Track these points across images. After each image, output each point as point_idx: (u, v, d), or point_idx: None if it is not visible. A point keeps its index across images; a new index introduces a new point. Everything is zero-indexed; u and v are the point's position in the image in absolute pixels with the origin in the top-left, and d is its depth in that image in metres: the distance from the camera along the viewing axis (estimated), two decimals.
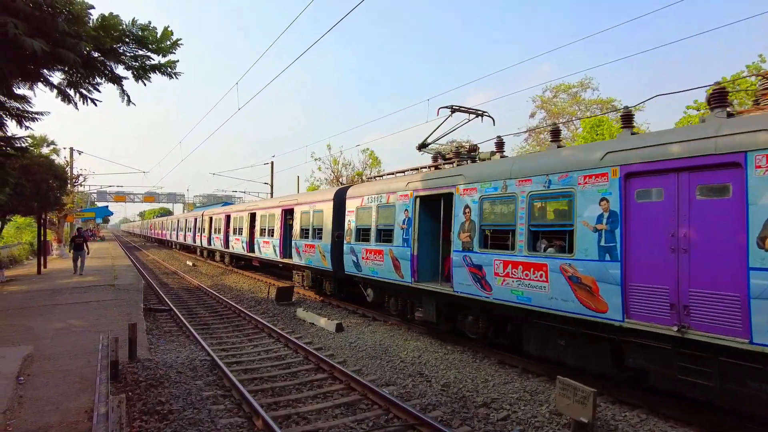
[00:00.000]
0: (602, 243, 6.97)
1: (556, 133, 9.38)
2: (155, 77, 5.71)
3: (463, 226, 9.54)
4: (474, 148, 11.58)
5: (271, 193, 44.26)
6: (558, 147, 8.92)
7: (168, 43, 5.44)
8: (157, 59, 5.59)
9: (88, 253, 21.08)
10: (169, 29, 5.46)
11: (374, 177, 13.73)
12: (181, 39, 5.52)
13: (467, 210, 9.48)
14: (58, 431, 6.03)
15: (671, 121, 35.16)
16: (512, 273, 8.37)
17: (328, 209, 15.47)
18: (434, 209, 10.95)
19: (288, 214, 19.29)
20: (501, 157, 10.48)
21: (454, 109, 11.67)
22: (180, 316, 13.58)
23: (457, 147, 11.65)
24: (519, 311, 8.42)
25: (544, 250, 8.07)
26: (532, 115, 40.39)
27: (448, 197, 10.24)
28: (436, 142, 12.82)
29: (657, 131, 7.39)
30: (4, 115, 5.75)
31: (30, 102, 6.03)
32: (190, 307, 15.99)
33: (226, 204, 37.88)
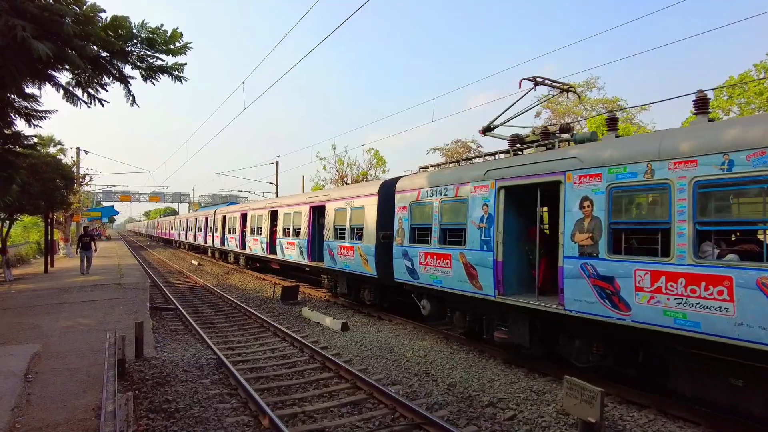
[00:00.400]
0: None
1: (612, 122, 8.23)
2: (162, 79, 5.74)
3: (581, 225, 7.43)
4: (567, 128, 9.44)
5: (276, 193, 44.32)
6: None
7: (177, 44, 5.46)
8: (165, 59, 5.60)
9: (95, 251, 20.84)
10: (178, 30, 5.47)
11: (433, 166, 11.85)
12: (191, 42, 5.54)
13: (587, 204, 7.40)
14: (65, 429, 6.06)
15: (678, 120, 34.95)
16: (668, 288, 6.26)
17: (370, 205, 13.49)
18: (524, 204, 9.15)
19: (317, 211, 17.25)
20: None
21: (537, 82, 10.09)
22: (186, 314, 13.63)
23: (543, 128, 9.64)
24: (668, 338, 6.38)
25: (721, 258, 5.91)
26: (538, 115, 40.25)
27: (551, 187, 8.20)
28: (507, 123, 10.86)
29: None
30: (12, 114, 5.78)
31: (38, 101, 6.06)
32: (195, 305, 16.04)
33: (231, 204, 37.34)
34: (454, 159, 11.75)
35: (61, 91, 5.04)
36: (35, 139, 7.15)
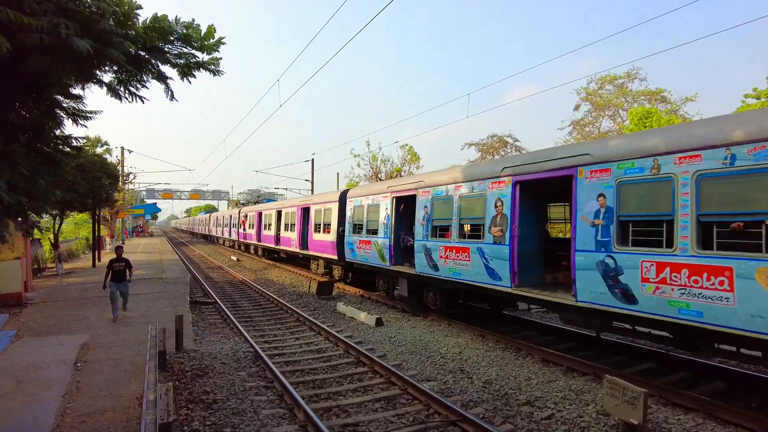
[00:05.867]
0: None
1: None
2: (200, 75, 5.84)
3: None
4: None
5: (312, 190, 44.86)
6: None
7: (212, 41, 5.55)
8: (201, 56, 5.71)
9: (130, 279, 12.36)
10: (212, 27, 5.56)
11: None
12: (224, 37, 5.62)
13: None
14: (111, 415, 6.31)
15: (729, 109, 33.25)
16: None
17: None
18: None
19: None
20: None
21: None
22: (224, 308, 13.96)
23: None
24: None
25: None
26: (577, 108, 39.13)
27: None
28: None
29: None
30: (61, 114, 6.01)
31: (83, 102, 6.28)
32: (234, 300, 16.41)
33: (269, 201, 38.35)
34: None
35: (105, 88, 5.20)
36: (83, 141, 7.42)
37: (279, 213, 27.09)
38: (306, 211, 22.19)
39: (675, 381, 7.68)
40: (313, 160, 44.90)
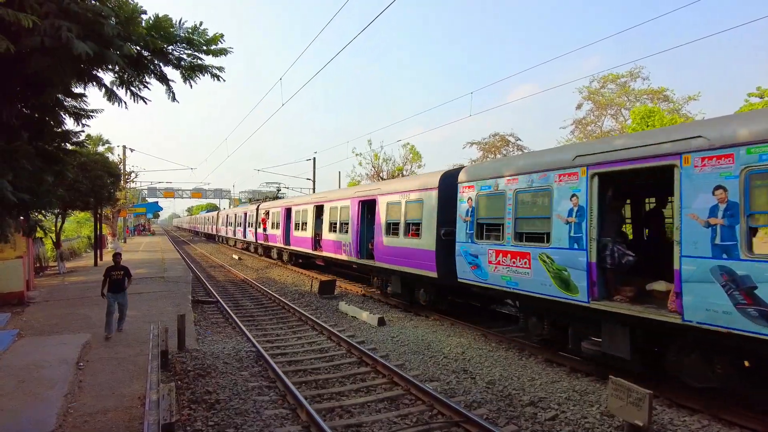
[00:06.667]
0: None
1: None
2: (202, 79, 5.82)
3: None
4: None
5: (314, 189, 44.85)
6: None
7: (217, 46, 5.51)
8: (205, 59, 5.67)
9: (128, 284, 10.64)
10: (218, 34, 5.52)
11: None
12: (231, 47, 5.58)
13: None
14: (114, 415, 6.29)
15: (731, 109, 33.15)
16: None
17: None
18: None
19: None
20: None
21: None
22: (227, 308, 13.95)
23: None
24: None
25: None
26: (579, 107, 39.06)
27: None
28: None
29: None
30: (63, 114, 5.99)
31: (85, 100, 6.25)
32: (236, 299, 16.40)
33: (277, 198, 36.49)
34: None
35: (103, 90, 5.18)
36: (83, 136, 7.41)
37: (318, 209, 20.76)
38: (368, 205, 16.26)
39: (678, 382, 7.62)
40: (315, 159, 44.93)
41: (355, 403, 6.88)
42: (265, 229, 29.46)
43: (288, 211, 25.26)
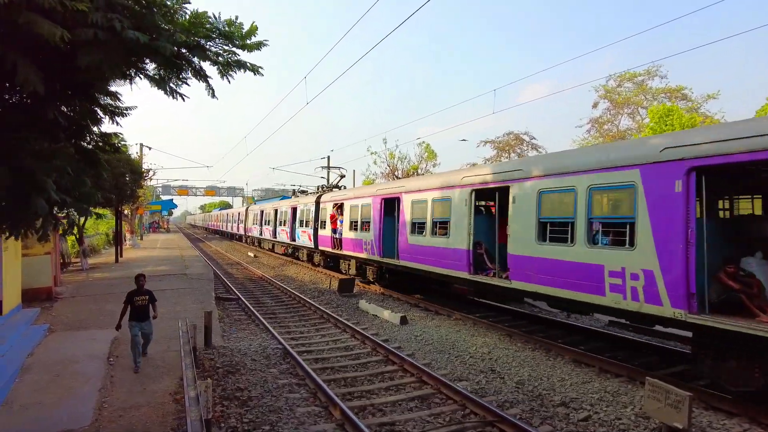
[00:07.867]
0: None
1: None
2: (237, 75, 5.81)
3: None
4: None
5: (328, 187, 44.82)
6: None
7: (254, 39, 5.51)
8: (242, 54, 5.67)
9: (155, 315, 8.55)
10: (254, 24, 5.52)
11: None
12: (267, 40, 5.57)
13: None
14: (147, 411, 6.36)
15: (752, 109, 32.47)
16: None
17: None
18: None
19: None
20: None
21: None
22: (248, 305, 14.02)
23: None
24: None
25: None
26: (595, 106, 38.69)
27: None
28: None
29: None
30: (101, 112, 6.04)
31: (120, 98, 6.29)
32: (256, 296, 16.48)
33: (284, 198, 35.84)
34: None
35: (148, 82, 5.21)
36: (117, 137, 7.49)
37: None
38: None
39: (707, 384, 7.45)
40: (329, 157, 44.96)
41: (385, 402, 6.87)
42: (335, 230, 20.18)
43: (382, 201, 16.06)
